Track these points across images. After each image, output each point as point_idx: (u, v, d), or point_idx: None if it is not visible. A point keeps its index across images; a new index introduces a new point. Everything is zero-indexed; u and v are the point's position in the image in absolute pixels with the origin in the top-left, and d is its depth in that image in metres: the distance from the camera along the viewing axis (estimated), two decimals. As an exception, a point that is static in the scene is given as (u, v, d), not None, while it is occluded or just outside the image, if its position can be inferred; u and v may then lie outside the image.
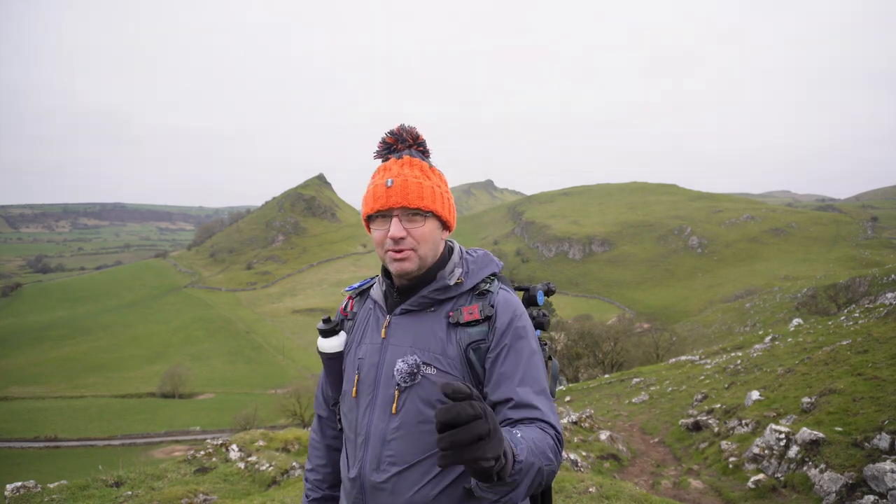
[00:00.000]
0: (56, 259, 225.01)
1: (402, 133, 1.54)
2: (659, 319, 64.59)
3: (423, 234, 1.45)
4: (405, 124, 1.56)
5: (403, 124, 1.56)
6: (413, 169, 1.47)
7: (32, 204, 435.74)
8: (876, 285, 36.18)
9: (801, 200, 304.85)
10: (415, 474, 1.35)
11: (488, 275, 1.53)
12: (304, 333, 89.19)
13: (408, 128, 1.55)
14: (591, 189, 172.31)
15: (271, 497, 5.90)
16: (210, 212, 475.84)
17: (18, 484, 5.93)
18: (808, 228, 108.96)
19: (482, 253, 1.59)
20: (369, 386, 1.45)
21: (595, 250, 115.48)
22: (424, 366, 1.39)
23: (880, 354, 7.86)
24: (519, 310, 1.46)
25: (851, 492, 4.81)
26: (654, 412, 11.69)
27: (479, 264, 1.55)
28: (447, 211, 1.51)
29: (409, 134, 1.55)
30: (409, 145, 1.55)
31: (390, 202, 1.42)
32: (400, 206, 1.42)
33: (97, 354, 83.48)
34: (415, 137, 1.55)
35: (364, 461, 1.42)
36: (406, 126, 1.56)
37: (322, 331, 1.53)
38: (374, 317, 1.54)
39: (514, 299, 1.48)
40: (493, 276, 1.54)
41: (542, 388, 1.40)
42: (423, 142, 1.57)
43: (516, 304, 1.47)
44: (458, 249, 1.58)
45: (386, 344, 1.46)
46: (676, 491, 6.35)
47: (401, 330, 1.47)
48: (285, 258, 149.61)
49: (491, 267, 1.55)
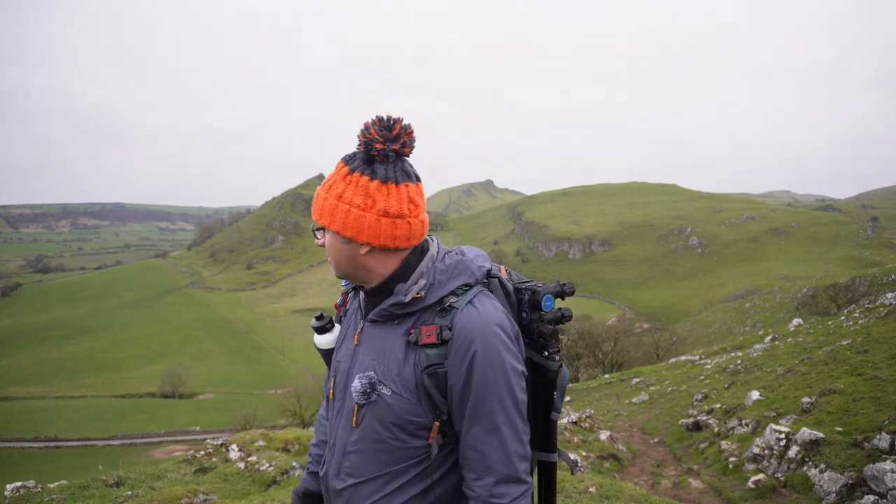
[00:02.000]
0: (56, 259, 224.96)
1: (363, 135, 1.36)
2: (659, 319, 64.58)
3: (327, 247, 1.38)
4: (373, 121, 1.33)
5: (371, 121, 1.33)
6: (328, 181, 1.36)
7: (32, 204, 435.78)
8: (876, 285, 36.18)
9: (801, 200, 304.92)
10: (368, 489, 1.34)
11: (459, 286, 1.34)
12: (304, 333, 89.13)
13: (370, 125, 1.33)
14: (591, 189, 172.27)
15: (271, 497, 5.91)
16: (210, 212, 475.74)
17: (18, 484, 5.93)
18: (808, 228, 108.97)
19: (455, 260, 1.38)
20: (340, 392, 1.42)
21: (595, 250, 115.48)
22: (380, 384, 1.31)
23: (880, 354, 7.87)
24: (484, 332, 1.26)
25: (851, 492, 4.81)
26: (654, 412, 11.69)
27: (449, 274, 1.35)
28: (346, 227, 1.30)
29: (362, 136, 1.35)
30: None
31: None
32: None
33: (97, 354, 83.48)
34: (367, 143, 1.32)
35: (329, 464, 1.43)
36: (370, 123, 1.33)
37: (315, 328, 1.51)
38: (355, 319, 1.48)
39: (478, 319, 1.27)
40: (467, 287, 1.34)
41: (500, 422, 1.26)
42: (370, 144, 1.32)
43: (481, 325, 1.26)
44: (431, 256, 1.39)
45: (357, 351, 1.40)
46: (676, 491, 6.35)
47: (370, 339, 1.39)
48: (285, 258, 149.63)
49: (463, 277, 1.35)
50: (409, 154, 1.36)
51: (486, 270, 1.40)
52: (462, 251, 1.44)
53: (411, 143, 1.35)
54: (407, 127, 1.34)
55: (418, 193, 1.36)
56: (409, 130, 1.34)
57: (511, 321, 1.34)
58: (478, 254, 1.45)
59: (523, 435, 1.29)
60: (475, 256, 1.43)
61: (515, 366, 1.29)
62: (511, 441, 1.27)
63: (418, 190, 1.37)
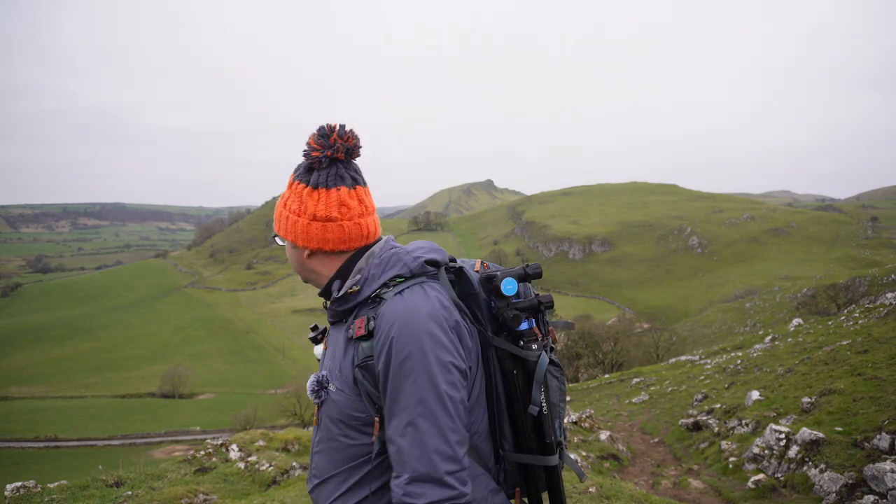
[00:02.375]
0: (56, 259, 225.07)
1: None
2: (659, 319, 64.57)
3: (286, 251, 1.48)
4: (316, 133, 1.39)
5: (316, 132, 1.39)
6: (284, 192, 1.45)
7: (32, 204, 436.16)
8: (876, 285, 36.17)
9: (801, 200, 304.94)
10: (328, 488, 1.36)
11: (391, 278, 1.33)
12: (304, 333, 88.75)
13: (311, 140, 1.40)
14: (591, 189, 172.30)
15: (271, 497, 5.91)
16: (210, 212, 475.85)
17: (18, 484, 5.93)
18: (808, 228, 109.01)
19: (389, 254, 1.38)
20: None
21: (595, 250, 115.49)
22: (328, 382, 1.35)
23: (880, 354, 7.87)
24: (404, 320, 1.23)
25: (851, 492, 4.81)
26: (654, 412, 11.69)
27: (382, 267, 1.35)
28: (287, 232, 1.40)
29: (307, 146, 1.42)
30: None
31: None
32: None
33: (97, 354, 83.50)
34: (305, 153, 1.39)
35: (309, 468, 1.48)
36: (312, 137, 1.39)
37: (311, 339, 1.56)
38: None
39: (401, 307, 1.25)
40: (401, 279, 1.33)
41: (418, 415, 1.19)
42: (308, 153, 1.38)
43: (402, 312, 1.24)
44: (371, 253, 1.40)
45: (324, 354, 1.46)
46: (676, 491, 6.35)
47: (331, 341, 1.44)
48: (285, 258, 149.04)
49: (395, 269, 1.34)
50: (347, 158, 1.39)
51: (424, 261, 1.35)
52: (390, 249, 1.42)
53: (347, 148, 1.37)
54: (344, 133, 1.37)
55: (353, 196, 1.38)
56: (345, 136, 1.37)
57: (449, 311, 1.28)
58: (419, 246, 1.42)
59: (449, 433, 1.19)
60: (415, 248, 1.41)
61: (442, 357, 1.21)
62: (431, 437, 1.17)
63: (355, 193, 1.38)
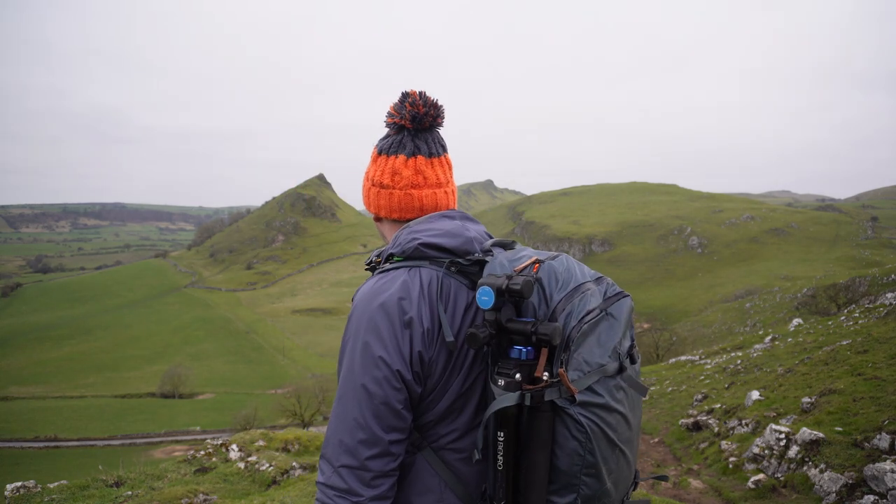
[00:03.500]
0: (56, 259, 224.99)
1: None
2: (659, 319, 64.59)
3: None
4: (403, 97, 1.37)
5: (404, 94, 1.37)
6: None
7: (32, 204, 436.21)
8: (876, 285, 36.14)
9: (801, 200, 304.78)
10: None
11: (388, 255, 1.29)
12: (304, 333, 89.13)
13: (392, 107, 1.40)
14: (591, 189, 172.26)
15: (271, 497, 5.91)
16: (210, 212, 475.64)
17: (18, 484, 5.93)
18: (808, 228, 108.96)
19: (400, 230, 1.32)
20: None
21: (595, 250, 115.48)
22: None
23: (880, 354, 7.87)
24: (358, 305, 1.19)
25: (851, 492, 4.81)
26: (654, 412, 11.69)
27: (393, 242, 1.31)
28: (365, 200, 1.45)
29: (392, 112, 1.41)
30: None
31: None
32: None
33: (97, 354, 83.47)
34: (390, 114, 1.39)
35: None
36: (399, 101, 1.38)
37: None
38: None
39: (362, 291, 1.21)
40: (397, 258, 1.27)
41: (339, 396, 1.16)
42: (388, 116, 1.39)
43: (360, 297, 1.20)
44: (407, 226, 1.32)
45: None
46: (676, 491, 6.36)
47: None
48: (285, 258, 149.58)
49: (391, 247, 1.29)
50: (415, 126, 1.36)
51: (420, 244, 1.23)
52: (420, 224, 1.31)
53: (414, 116, 1.34)
54: (416, 101, 1.34)
55: (410, 166, 1.35)
56: (416, 103, 1.34)
57: (411, 303, 1.15)
58: (429, 228, 1.28)
59: (356, 428, 1.11)
60: (423, 229, 1.27)
61: (373, 350, 1.12)
62: (339, 423, 1.13)
63: (413, 162, 1.35)
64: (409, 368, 1.14)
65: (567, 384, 1.07)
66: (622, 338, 1.20)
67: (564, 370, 1.07)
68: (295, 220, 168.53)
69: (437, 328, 1.16)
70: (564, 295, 1.14)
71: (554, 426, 1.09)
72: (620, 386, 1.15)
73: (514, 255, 1.22)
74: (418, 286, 1.18)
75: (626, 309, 1.25)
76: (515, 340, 1.10)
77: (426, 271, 1.21)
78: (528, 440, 1.10)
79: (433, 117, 1.37)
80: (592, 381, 1.10)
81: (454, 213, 1.37)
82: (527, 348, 1.09)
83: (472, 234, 1.31)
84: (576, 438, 1.09)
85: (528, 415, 1.09)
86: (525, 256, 1.21)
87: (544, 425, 1.08)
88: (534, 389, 1.07)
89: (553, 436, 1.09)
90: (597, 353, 1.13)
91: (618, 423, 1.13)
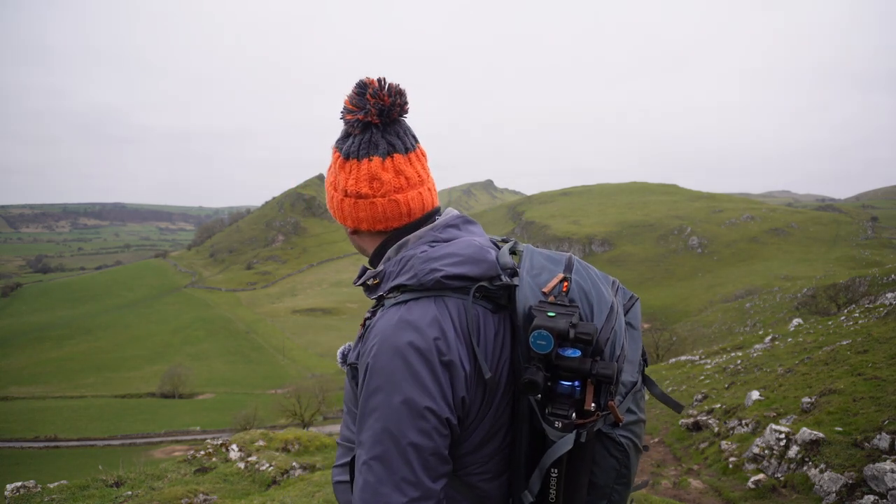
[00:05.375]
0: (56, 259, 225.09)
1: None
2: (659, 319, 64.59)
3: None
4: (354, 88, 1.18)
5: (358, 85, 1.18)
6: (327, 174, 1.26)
7: (32, 204, 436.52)
8: (876, 285, 36.15)
9: (801, 200, 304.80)
10: (337, 452, 1.28)
11: (398, 285, 1.12)
12: (304, 333, 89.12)
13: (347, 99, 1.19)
14: (591, 189, 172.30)
15: (271, 497, 5.91)
16: (210, 212, 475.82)
17: (18, 484, 5.93)
18: (808, 228, 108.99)
19: (410, 255, 1.15)
20: None
21: (595, 250, 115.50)
22: (346, 360, 1.21)
23: (880, 354, 7.86)
24: (382, 346, 1.04)
25: (851, 492, 4.81)
26: (654, 412, 11.68)
27: (398, 267, 1.15)
28: (329, 207, 1.25)
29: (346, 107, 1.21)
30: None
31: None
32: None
33: (97, 354, 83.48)
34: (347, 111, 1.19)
35: None
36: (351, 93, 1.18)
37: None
38: None
39: (385, 330, 1.05)
40: (404, 288, 1.11)
41: (373, 456, 1.01)
42: (342, 116, 1.19)
43: (383, 337, 1.05)
44: (405, 242, 1.19)
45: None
46: (676, 491, 6.36)
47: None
48: (285, 258, 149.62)
49: (402, 277, 1.12)
50: (384, 121, 1.17)
51: (443, 276, 1.08)
52: (444, 243, 1.17)
53: (381, 109, 1.15)
54: (378, 91, 1.15)
55: (389, 168, 1.16)
56: (379, 94, 1.14)
57: (447, 344, 1.03)
58: (449, 253, 1.12)
59: (406, 486, 0.99)
60: (442, 255, 1.12)
61: (416, 401, 1.00)
62: (383, 485, 0.99)
63: (391, 163, 1.17)
64: (454, 413, 1.05)
65: (617, 415, 1.04)
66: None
67: (613, 400, 1.05)
68: (295, 220, 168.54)
69: (475, 369, 1.06)
70: (604, 322, 1.08)
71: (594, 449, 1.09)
72: (643, 394, 1.16)
73: (533, 269, 1.15)
74: (450, 322, 1.06)
75: (639, 314, 1.24)
76: (563, 375, 1.04)
77: (452, 302, 1.08)
78: (571, 468, 1.07)
79: (401, 106, 1.17)
80: (630, 402, 1.11)
81: (456, 220, 1.23)
82: (576, 383, 1.03)
83: (493, 255, 1.16)
84: (614, 457, 1.11)
85: (575, 446, 1.04)
86: (545, 270, 1.15)
87: (589, 453, 1.07)
88: (587, 424, 1.03)
89: (592, 456, 1.09)
90: (629, 371, 1.12)
91: (642, 430, 1.16)
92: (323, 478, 6.43)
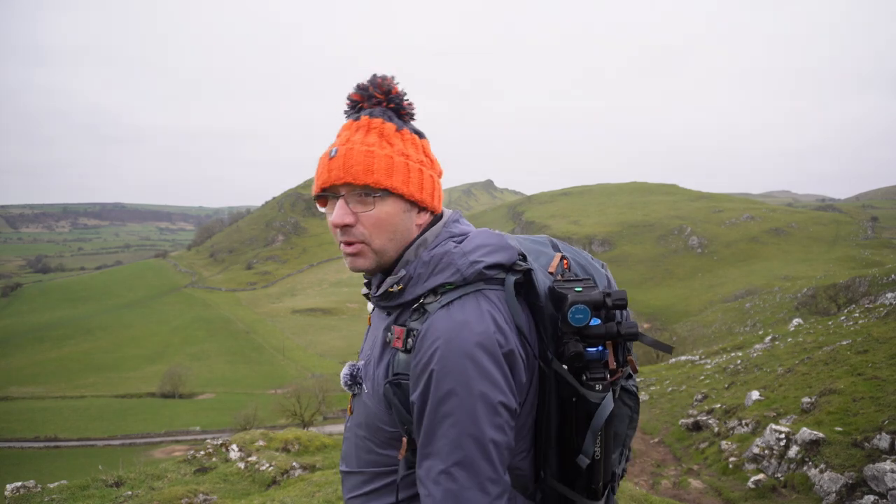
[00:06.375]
0: (56, 259, 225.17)
1: (369, 87, 1.17)
2: (659, 319, 64.62)
3: (376, 221, 1.11)
4: (378, 74, 1.18)
5: (375, 75, 1.18)
6: (368, 133, 1.14)
7: (32, 204, 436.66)
8: (876, 285, 36.18)
9: (801, 200, 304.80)
10: (352, 482, 1.23)
11: (440, 284, 1.09)
12: (304, 333, 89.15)
13: (378, 79, 1.17)
14: (591, 189, 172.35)
15: (271, 497, 5.91)
16: (210, 212, 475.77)
17: (18, 484, 5.93)
18: (808, 228, 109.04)
19: (441, 251, 1.12)
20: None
21: (595, 250, 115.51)
22: (362, 379, 1.18)
23: (880, 354, 7.87)
24: (448, 347, 1.01)
25: (851, 492, 4.81)
26: (654, 412, 11.69)
27: (430, 268, 1.11)
28: (415, 186, 1.14)
29: (379, 88, 1.17)
30: (377, 102, 1.18)
31: (331, 178, 1.12)
32: (343, 183, 1.11)
33: (97, 354, 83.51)
34: (386, 92, 1.17)
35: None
36: (378, 77, 1.17)
37: (364, 295, 1.42)
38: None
39: (446, 330, 1.03)
40: (451, 286, 1.09)
41: (454, 462, 1.00)
42: (398, 96, 1.18)
43: (447, 338, 1.02)
44: (423, 241, 1.16)
45: (367, 335, 1.29)
46: (676, 491, 6.36)
47: (374, 322, 1.26)
48: (285, 258, 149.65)
49: (444, 274, 1.09)
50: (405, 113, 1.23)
51: (484, 266, 1.09)
52: (465, 236, 1.17)
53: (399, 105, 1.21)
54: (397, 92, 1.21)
55: (430, 150, 1.26)
56: (399, 95, 1.21)
57: (505, 335, 1.05)
58: (481, 244, 1.13)
59: (490, 484, 1.00)
60: (475, 247, 1.12)
61: (489, 395, 1.00)
62: (468, 489, 0.99)
63: (427, 146, 1.25)
64: (518, 401, 1.07)
65: (634, 367, 1.19)
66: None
67: (630, 355, 1.17)
68: (295, 220, 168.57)
69: (527, 354, 1.09)
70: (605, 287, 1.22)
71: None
72: (630, 346, 1.27)
73: (529, 253, 1.21)
74: (499, 313, 1.07)
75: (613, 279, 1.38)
76: (590, 343, 1.08)
77: (492, 293, 1.09)
78: (607, 424, 1.13)
79: (402, 97, 1.23)
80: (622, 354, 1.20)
81: (455, 215, 1.25)
82: (600, 347, 1.09)
83: (511, 241, 1.21)
84: (627, 405, 1.25)
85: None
86: (543, 253, 1.24)
87: (616, 408, 1.17)
88: (616, 381, 1.12)
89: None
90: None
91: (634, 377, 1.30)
92: (323, 478, 6.44)
